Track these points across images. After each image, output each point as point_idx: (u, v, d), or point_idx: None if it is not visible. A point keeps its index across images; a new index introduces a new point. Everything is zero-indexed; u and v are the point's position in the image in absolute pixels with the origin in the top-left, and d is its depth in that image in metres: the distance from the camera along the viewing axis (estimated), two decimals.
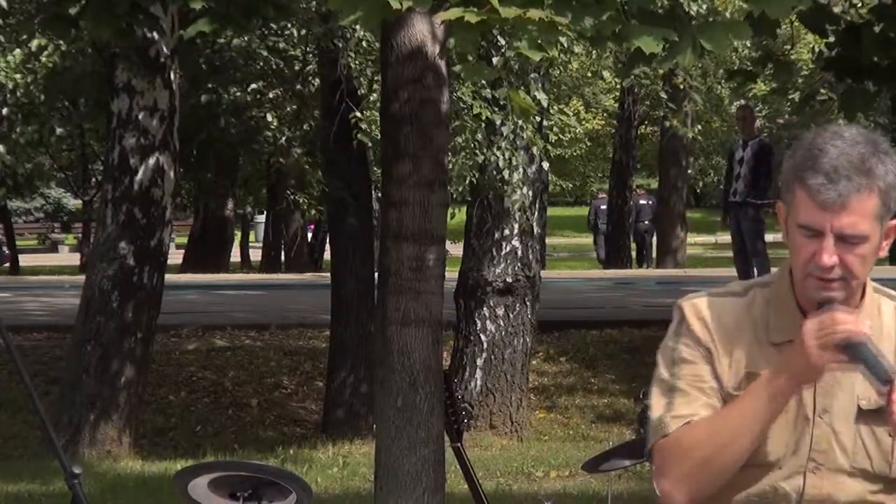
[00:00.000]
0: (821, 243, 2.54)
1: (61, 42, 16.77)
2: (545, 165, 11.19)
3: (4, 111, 19.84)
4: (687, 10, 6.22)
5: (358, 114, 11.09)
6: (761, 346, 2.64)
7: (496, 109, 10.62)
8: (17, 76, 17.40)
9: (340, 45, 11.31)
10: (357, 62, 11.60)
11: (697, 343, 2.67)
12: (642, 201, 30.89)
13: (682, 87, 13.46)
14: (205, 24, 6.13)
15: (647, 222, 30.66)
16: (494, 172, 10.85)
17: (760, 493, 2.63)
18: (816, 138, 2.59)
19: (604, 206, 31.07)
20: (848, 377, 2.61)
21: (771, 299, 2.68)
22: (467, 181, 11.09)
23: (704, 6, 10.51)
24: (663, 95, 13.05)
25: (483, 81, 10.55)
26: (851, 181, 2.51)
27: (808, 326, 2.53)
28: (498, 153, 10.70)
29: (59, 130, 22.70)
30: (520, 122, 10.59)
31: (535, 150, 10.89)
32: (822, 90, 11.87)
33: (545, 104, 11.54)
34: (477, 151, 10.71)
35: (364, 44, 11.64)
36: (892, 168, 2.56)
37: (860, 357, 2.51)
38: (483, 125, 10.78)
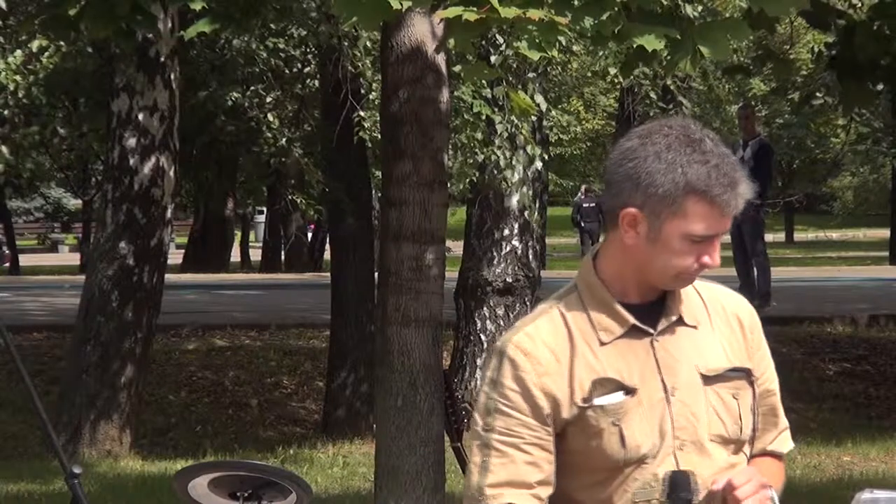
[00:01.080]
0: (708, 246, 2.63)
1: (62, 43, 16.77)
2: (538, 165, 11.18)
3: (6, 113, 19.83)
4: (683, 12, 6.22)
5: (362, 113, 11.09)
6: (594, 351, 2.66)
7: (496, 109, 10.62)
8: (18, 77, 17.39)
9: (346, 44, 11.31)
10: (360, 63, 11.59)
11: (521, 388, 2.64)
12: (585, 204, 31.17)
13: (672, 88, 13.45)
14: (205, 24, 6.13)
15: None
16: (495, 171, 10.85)
17: (641, 486, 2.66)
18: (697, 141, 2.66)
19: (586, 204, 31.22)
20: (683, 349, 2.68)
21: (586, 303, 2.69)
22: (467, 180, 11.09)
23: (700, 8, 10.50)
24: (653, 96, 13.05)
25: (481, 82, 10.56)
26: (745, 186, 2.70)
27: (743, 489, 2.61)
28: (498, 152, 10.70)
29: (61, 131, 22.72)
30: (517, 121, 10.59)
31: (529, 149, 10.89)
32: (818, 94, 11.89)
33: (543, 108, 11.54)
34: (477, 150, 10.71)
35: (367, 43, 11.64)
36: None
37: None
38: (483, 124, 10.78)
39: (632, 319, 2.66)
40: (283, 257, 29.92)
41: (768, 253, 15.07)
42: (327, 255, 16.98)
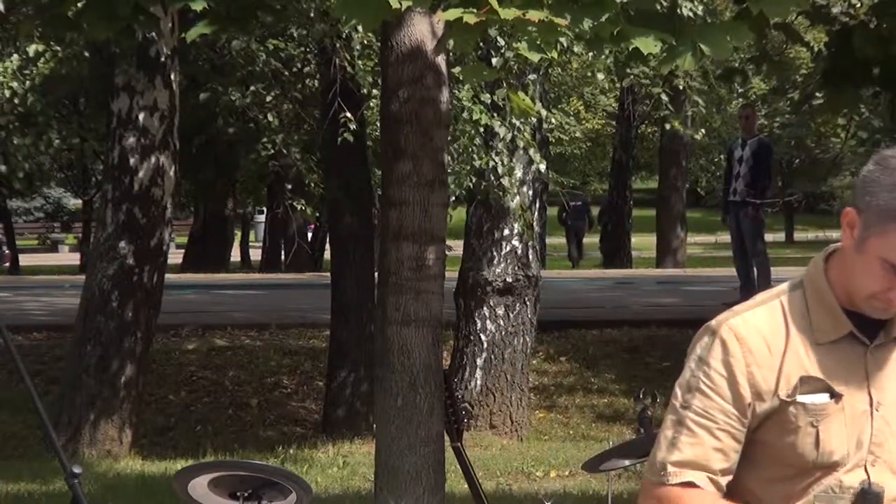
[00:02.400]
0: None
1: (58, 48, 16.75)
2: (542, 167, 11.19)
3: (2, 120, 19.80)
4: (681, 12, 6.22)
5: (348, 114, 11.08)
6: (807, 349, 2.65)
7: (494, 114, 10.62)
8: (14, 84, 17.38)
9: (338, 45, 11.32)
10: (359, 63, 11.59)
11: (727, 372, 2.65)
12: (572, 203, 31.31)
13: (682, 88, 13.43)
14: (205, 26, 6.13)
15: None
16: (492, 178, 10.85)
17: (824, 490, 2.66)
18: None
19: (573, 203, 31.34)
20: (894, 369, 2.67)
21: (809, 301, 2.69)
22: (464, 186, 11.10)
23: (700, 8, 10.49)
24: (664, 98, 13.03)
25: (481, 86, 10.56)
26: None
27: None
28: (497, 158, 10.70)
29: (56, 142, 22.68)
30: (517, 123, 10.59)
31: (531, 152, 10.89)
32: (817, 94, 11.92)
33: (544, 115, 11.55)
34: (475, 156, 10.71)
35: (364, 42, 11.64)
36: None
37: None
38: (481, 130, 10.79)
39: (850, 326, 2.65)
40: (283, 257, 29.90)
41: (768, 252, 15.07)
42: (327, 255, 16.98)
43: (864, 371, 2.65)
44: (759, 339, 2.65)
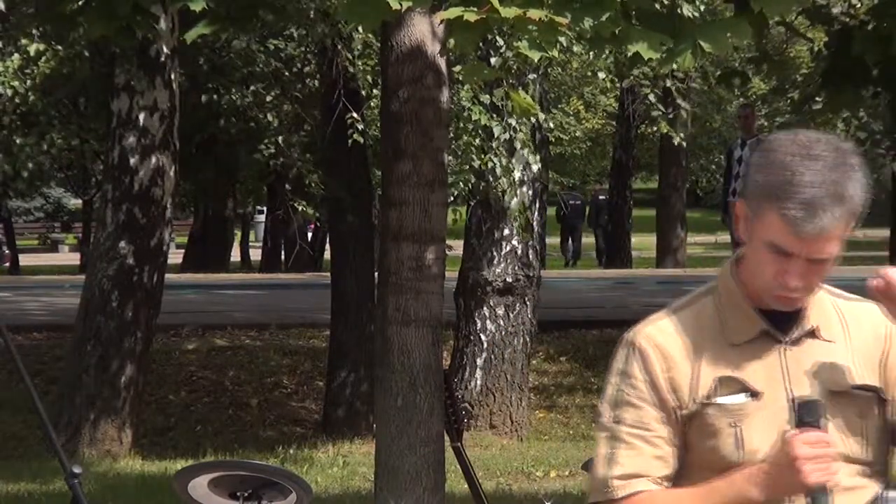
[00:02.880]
0: (789, 263, 2.56)
1: (59, 47, 16.74)
2: (535, 168, 11.18)
3: (4, 119, 19.79)
4: (682, 11, 6.22)
5: (354, 115, 11.09)
6: (722, 350, 2.64)
7: (494, 115, 10.62)
8: (16, 83, 17.37)
9: (339, 45, 11.32)
10: (359, 63, 11.60)
11: (650, 381, 2.64)
12: (571, 201, 31.48)
13: (673, 89, 13.44)
14: (204, 26, 6.13)
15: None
16: (491, 178, 10.85)
17: None
18: (788, 158, 2.53)
19: (572, 202, 31.42)
20: (813, 362, 2.65)
21: (721, 303, 2.68)
22: (462, 187, 11.10)
23: (702, 7, 10.50)
24: (651, 99, 13.04)
25: (481, 86, 10.56)
26: (830, 213, 2.52)
27: (799, 445, 2.52)
28: (496, 159, 10.70)
29: (59, 141, 22.66)
30: (514, 123, 10.59)
31: (526, 153, 10.89)
32: (817, 98, 11.91)
33: (542, 117, 11.55)
34: (474, 157, 10.71)
35: (364, 42, 11.65)
36: (861, 183, 2.59)
37: (818, 500, 2.54)
38: (481, 131, 10.79)
39: (763, 324, 2.64)
40: (283, 257, 29.89)
41: None
42: (327, 255, 16.98)
43: (781, 367, 2.63)
44: (675, 345, 2.65)
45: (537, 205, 11.98)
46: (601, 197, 31.63)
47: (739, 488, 2.57)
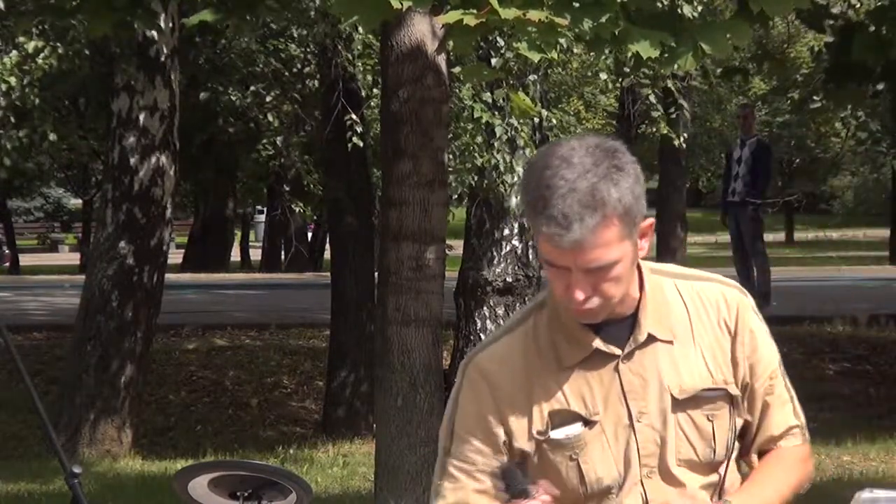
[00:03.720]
0: (569, 276, 2.43)
1: (58, 44, 16.73)
2: None
3: None
4: (681, 12, 6.22)
5: (353, 116, 11.08)
6: (556, 375, 2.53)
7: (495, 113, 10.63)
8: (12, 79, 17.37)
9: (339, 45, 11.32)
10: (359, 63, 11.60)
11: (477, 411, 2.55)
12: None
13: (674, 89, 13.44)
14: (207, 14, 6.12)
15: None
16: (494, 175, 10.85)
17: None
18: (545, 172, 2.40)
19: None
20: (653, 369, 2.53)
21: (553, 321, 2.56)
22: (465, 185, 11.10)
23: (700, 8, 10.50)
24: (652, 99, 13.04)
25: (482, 84, 10.56)
26: (584, 222, 2.37)
27: None
28: (498, 156, 10.70)
29: (51, 136, 22.62)
30: (515, 123, 10.60)
31: (528, 151, 10.89)
32: (815, 98, 11.91)
33: (544, 114, 11.55)
34: (476, 154, 10.72)
35: (360, 46, 11.65)
36: (627, 185, 2.41)
37: None
38: (483, 129, 10.79)
39: (595, 343, 2.52)
40: (283, 257, 29.91)
41: (768, 253, 15.08)
42: (327, 255, 16.98)
43: (618, 385, 2.52)
44: (506, 374, 2.54)
45: None
46: None
47: None
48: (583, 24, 4.74)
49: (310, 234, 31.13)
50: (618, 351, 2.53)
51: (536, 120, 11.31)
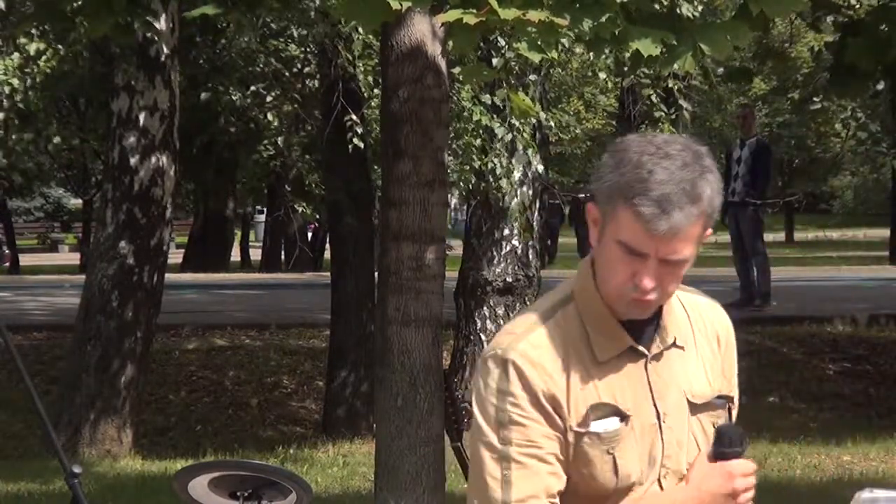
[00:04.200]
0: (642, 264, 2.46)
1: (59, 46, 16.74)
2: (540, 168, 11.19)
3: (0, 116, 19.80)
4: (681, 11, 6.23)
5: (353, 117, 11.08)
6: (590, 370, 2.56)
7: (494, 115, 10.63)
8: (15, 81, 17.37)
9: (339, 45, 11.33)
10: (359, 63, 11.60)
11: (532, 398, 2.54)
12: (551, 201, 31.57)
13: (675, 89, 13.44)
14: (209, 7, 6.11)
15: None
16: (491, 179, 10.86)
17: None
18: (643, 156, 2.45)
19: (552, 201, 31.50)
20: (673, 373, 2.60)
21: (584, 316, 2.58)
22: (463, 187, 11.11)
23: (700, 8, 10.51)
24: (654, 99, 13.05)
25: (481, 86, 10.57)
26: (683, 211, 2.43)
27: (738, 478, 2.55)
28: (496, 160, 10.71)
29: (56, 139, 22.65)
30: (517, 123, 10.60)
31: (529, 152, 10.90)
32: (815, 98, 11.92)
33: (543, 117, 11.55)
34: (475, 157, 10.72)
35: (360, 47, 11.65)
36: (715, 185, 2.49)
37: None
38: (482, 131, 10.80)
39: (630, 341, 2.57)
40: (283, 257, 29.91)
41: (768, 252, 15.08)
42: (327, 255, 16.98)
43: (646, 384, 2.57)
44: (550, 360, 2.55)
45: (537, 205, 11.99)
46: (581, 195, 31.78)
47: None
48: (583, 24, 4.74)
49: (310, 234, 31.14)
50: (646, 351, 2.58)
51: (535, 121, 11.31)
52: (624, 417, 2.55)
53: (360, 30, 10.93)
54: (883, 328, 14.62)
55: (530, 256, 11.72)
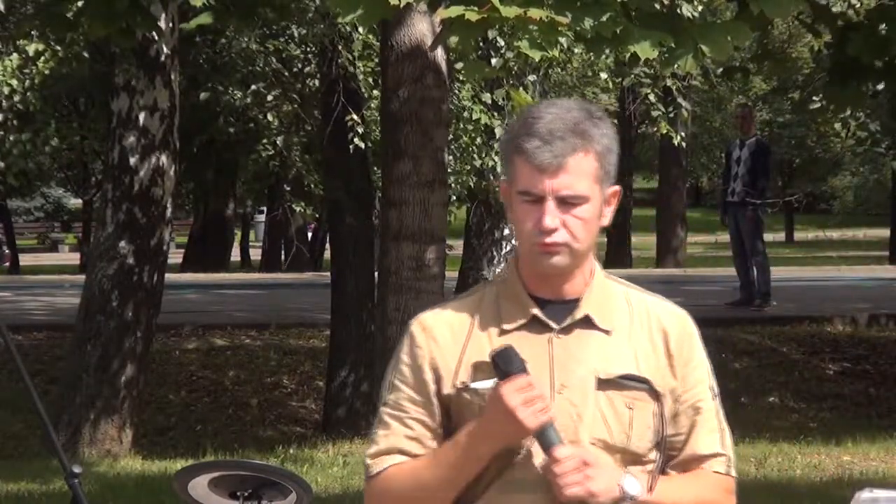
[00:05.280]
0: (542, 208, 2.58)
1: (58, 48, 16.74)
2: None
3: None
4: (681, 11, 6.23)
5: (354, 117, 11.08)
6: (492, 337, 2.65)
7: (494, 114, 10.63)
8: (14, 82, 17.37)
9: (339, 46, 11.33)
10: (359, 63, 11.61)
11: (413, 363, 2.69)
12: None
13: (674, 89, 13.45)
14: (206, 17, 6.13)
15: None
16: (491, 177, 10.86)
17: (516, 480, 2.63)
18: (531, 108, 2.63)
19: None
20: (585, 351, 2.65)
21: (500, 292, 2.70)
22: (465, 185, 11.12)
23: (700, 8, 10.51)
24: (652, 99, 13.05)
25: (481, 85, 10.57)
26: (566, 141, 2.56)
27: (508, 394, 2.54)
28: (496, 158, 10.71)
29: (53, 141, 22.61)
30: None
31: None
32: (815, 98, 11.90)
33: None
34: (475, 156, 10.73)
35: (361, 46, 11.66)
36: (607, 132, 2.66)
37: (546, 437, 2.57)
38: (482, 130, 10.80)
39: (534, 310, 2.65)
40: (283, 257, 29.92)
41: (768, 252, 15.08)
42: (327, 254, 16.98)
43: (547, 356, 2.63)
44: (445, 329, 2.68)
45: None
46: None
47: (467, 447, 2.61)
48: (583, 22, 4.74)
49: (310, 234, 31.14)
50: (555, 325, 2.65)
51: None
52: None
53: (360, 30, 10.93)
54: (883, 328, 14.61)
55: None
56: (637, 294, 2.77)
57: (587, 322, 2.66)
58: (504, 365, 2.57)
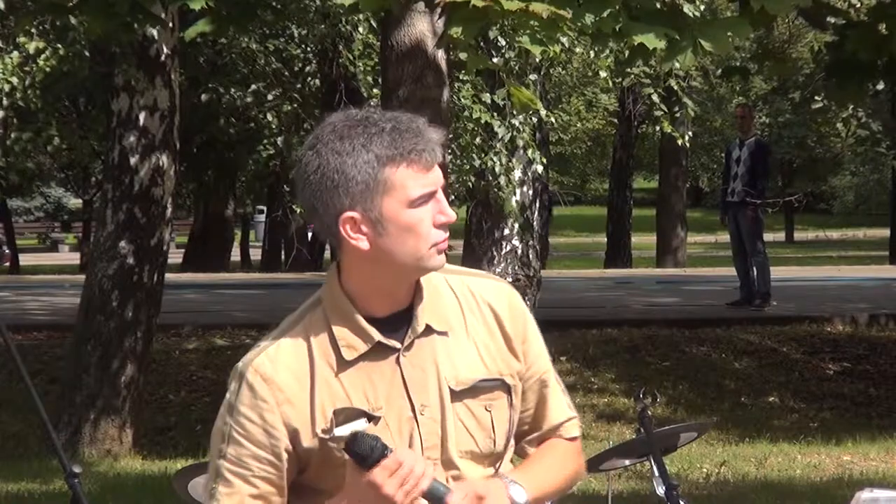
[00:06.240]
0: (437, 202, 2.49)
1: (59, 46, 16.73)
2: (539, 168, 11.20)
3: (0, 114, 19.81)
4: (682, 9, 6.23)
5: None
6: (336, 372, 2.52)
7: (495, 114, 10.63)
8: (14, 79, 17.36)
9: (340, 45, 11.34)
10: (359, 63, 11.62)
11: (257, 416, 2.52)
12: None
13: (676, 88, 13.44)
14: (205, 23, 6.13)
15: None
16: (491, 178, 10.86)
17: None
18: (372, 118, 2.49)
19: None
20: (432, 361, 2.54)
21: (330, 317, 2.54)
22: (460, 188, 11.11)
23: (702, 7, 10.51)
24: (655, 99, 13.04)
25: (482, 84, 10.56)
26: (429, 126, 2.50)
27: (383, 483, 2.41)
28: (496, 158, 10.70)
29: (55, 139, 22.62)
30: (517, 123, 10.60)
31: (529, 152, 10.90)
32: (816, 97, 11.90)
33: (543, 114, 11.55)
34: (475, 155, 10.72)
35: (363, 44, 11.67)
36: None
37: (435, 495, 2.46)
38: (482, 130, 10.80)
39: (377, 336, 2.51)
40: (283, 257, 29.93)
41: (768, 252, 15.08)
42: (327, 254, 16.98)
43: (400, 378, 2.52)
44: (288, 376, 2.52)
45: (537, 205, 11.98)
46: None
47: None
48: (585, 18, 4.74)
49: (310, 234, 31.14)
50: (398, 344, 2.52)
51: (535, 120, 11.31)
52: (371, 418, 2.50)
53: (360, 29, 10.94)
54: (883, 328, 14.61)
55: (530, 256, 11.71)
56: (455, 278, 2.64)
57: (427, 330, 2.54)
58: (364, 452, 2.43)
